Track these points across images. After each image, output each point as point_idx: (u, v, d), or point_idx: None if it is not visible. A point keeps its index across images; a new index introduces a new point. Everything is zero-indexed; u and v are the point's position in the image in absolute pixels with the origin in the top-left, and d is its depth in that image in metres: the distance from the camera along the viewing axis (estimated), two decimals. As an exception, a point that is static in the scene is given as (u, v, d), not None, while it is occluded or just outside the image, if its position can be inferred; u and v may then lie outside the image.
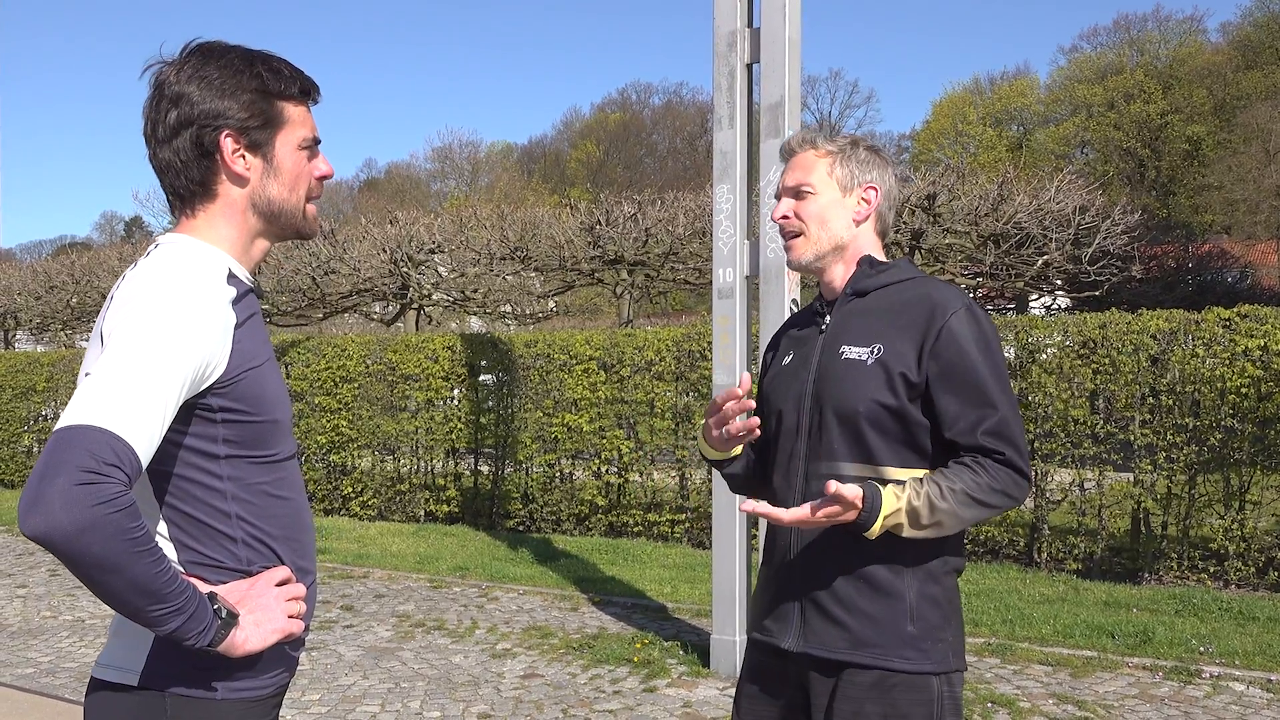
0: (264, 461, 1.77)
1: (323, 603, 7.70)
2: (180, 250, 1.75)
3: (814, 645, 2.21)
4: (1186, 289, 21.31)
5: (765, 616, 2.35)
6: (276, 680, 1.81)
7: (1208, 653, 5.99)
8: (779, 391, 2.37)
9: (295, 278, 20.77)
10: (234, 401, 1.70)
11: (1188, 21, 52.93)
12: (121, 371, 1.55)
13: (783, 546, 2.31)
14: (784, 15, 5.66)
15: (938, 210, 17.05)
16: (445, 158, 72.40)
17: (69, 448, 1.46)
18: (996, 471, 2.11)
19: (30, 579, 8.69)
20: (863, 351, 2.21)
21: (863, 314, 2.27)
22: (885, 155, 2.38)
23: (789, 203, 2.33)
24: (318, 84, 1.88)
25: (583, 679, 5.87)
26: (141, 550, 1.48)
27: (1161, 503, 7.82)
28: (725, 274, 5.93)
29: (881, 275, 2.30)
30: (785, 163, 2.39)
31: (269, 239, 1.88)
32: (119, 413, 1.51)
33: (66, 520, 1.42)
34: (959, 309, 2.16)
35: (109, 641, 1.77)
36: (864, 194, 2.32)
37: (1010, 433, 2.12)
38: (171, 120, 1.75)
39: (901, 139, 65.00)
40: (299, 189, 1.85)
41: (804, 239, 2.32)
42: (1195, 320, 7.66)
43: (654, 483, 10.01)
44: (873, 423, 2.17)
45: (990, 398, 2.12)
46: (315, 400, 11.63)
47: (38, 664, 6.28)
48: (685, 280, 20.60)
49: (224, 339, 1.67)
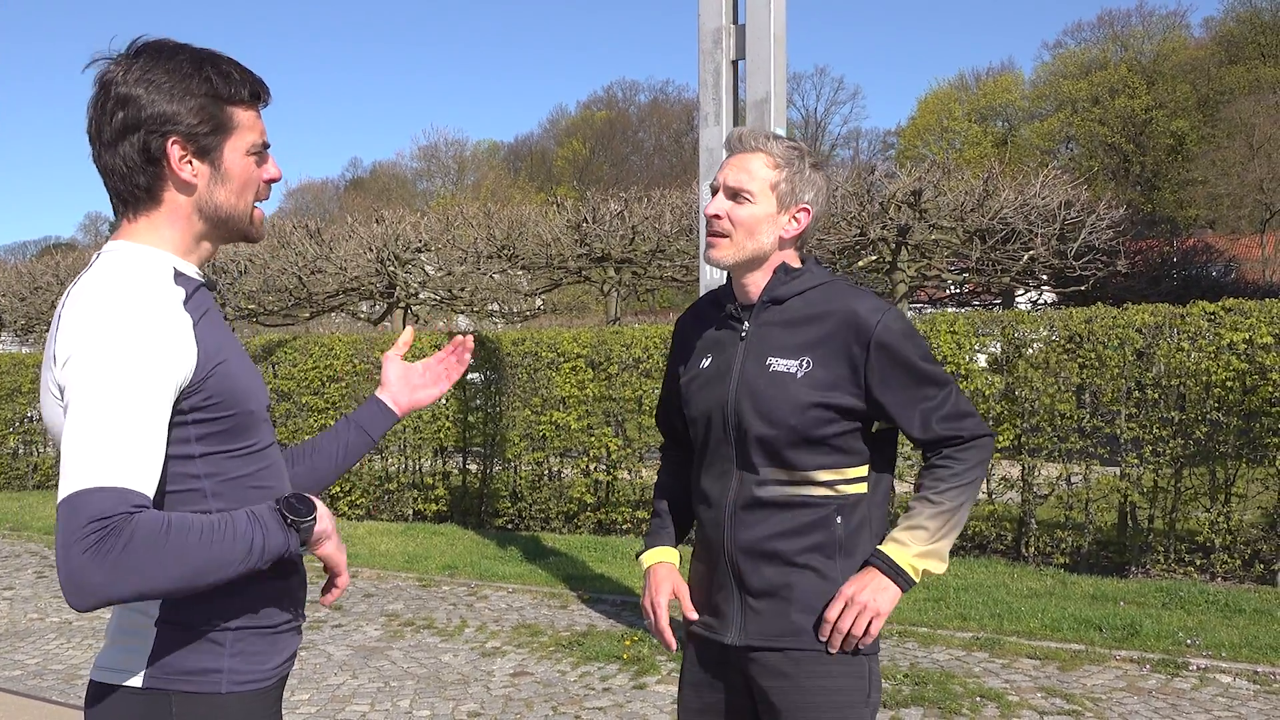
0: (243, 454, 1.76)
1: (311, 602, 7.66)
2: (122, 260, 1.72)
3: (755, 636, 2.29)
4: (1171, 283, 21.41)
5: (704, 611, 2.42)
6: (278, 671, 1.82)
7: (1195, 645, 6.02)
8: (702, 397, 2.40)
9: (282, 277, 20.72)
10: (205, 399, 1.68)
11: (1171, 17, 53.25)
12: (102, 417, 1.54)
13: (716, 541, 2.35)
14: (769, 12, 5.67)
15: (924, 206, 17.09)
16: (431, 156, 72.29)
17: (74, 516, 1.49)
18: (964, 453, 2.30)
19: (17, 581, 8.65)
20: (791, 364, 2.27)
21: (785, 323, 2.32)
22: (825, 173, 2.41)
23: (726, 203, 2.33)
24: (268, 86, 1.84)
25: (572, 676, 5.87)
26: (183, 549, 1.52)
27: (1148, 496, 7.85)
28: (711, 271, 5.94)
29: (796, 282, 2.34)
30: (729, 154, 2.38)
31: (214, 241, 1.85)
32: (111, 464, 1.52)
33: (107, 584, 1.47)
34: (882, 314, 2.26)
35: (107, 644, 1.76)
36: (797, 214, 2.34)
37: (959, 408, 2.29)
38: (117, 123, 1.71)
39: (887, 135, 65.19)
40: (246, 195, 1.82)
41: (729, 241, 2.33)
42: (1180, 314, 7.69)
43: (643, 480, 10.01)
44: (803, 433, 2.24)
45: (930, 386, 2.27)
46: (303, 400, 11.60)
47: (25, 666, 6.25)
48: (672, 277, 20.63)
49: (187, 342, 1.65)
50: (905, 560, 2.23)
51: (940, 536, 2.25)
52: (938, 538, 2.24)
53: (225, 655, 1.71)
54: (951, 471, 2.28)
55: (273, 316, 22.09)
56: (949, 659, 6.01)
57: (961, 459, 2.28)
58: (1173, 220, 36.19)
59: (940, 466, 2.29)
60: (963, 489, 2.27)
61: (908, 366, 2.24)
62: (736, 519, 2.30)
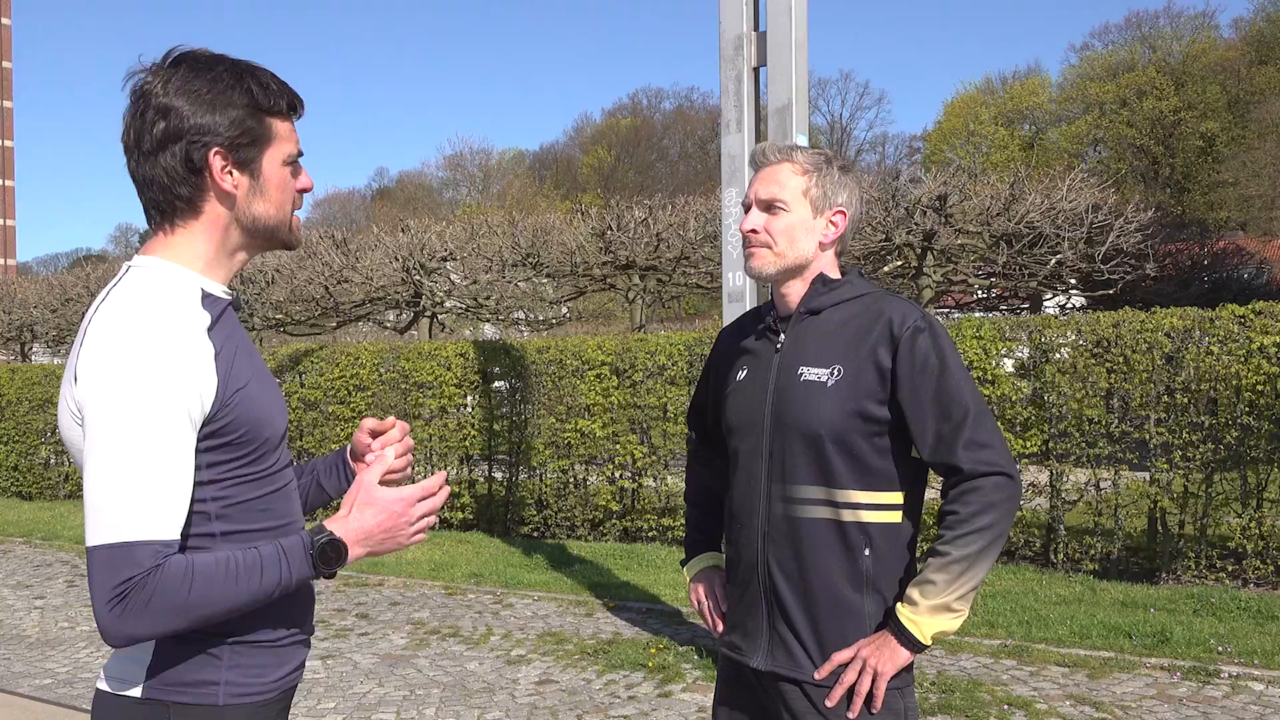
0: (254, 479, 1.75)
1: (338, 610, 7.72)
2: (149, 280, 1.71)
3: (781, 665, 2.26)
4: (1201, 286, 21.17)
5: (733, 632, 2.40)
6: (281, 684, 1.82)
7: (1226, 652, 5.95)
8: (737, 411, 2.38)
9: (308, 287, 20.84)
10: (220, 427, 1.67)
11: (1200, 17, 52.84)
12: (126, 461, 1.57)
13: (748, 563, 2.33)
14: (790, 18, 5.66)
15: (950, 211, 16.99)
16: (457, 165, 72.69)
17: (104, 572, 1.55)
18: (972, 495, 2.14)
19: (48, 590, 8.73)
20: (822, 373, 2.23)
21: (818, 333, 2.29)
22: (857, 175, 2.38)
23: (761, 217, 2.32)
24: (302, 98, 1.85)
25: (598, 684, 5.87)
26: (208, 593, 1.59)
27: (1178, 502, 7.77)
28: (735, 277, 5.93)
29: (835, 292, 2.31)
30: (757, 170, 2.37)
31: (250, 251, 1.85)
32: (139, 514, 1.56)
33: (134, 631, 1.57)
34: (915, 323, 2.19)
35: (112, 654, 1.78)
36: (833, 217, 2.32)
37: (977, 437, 2.14)
38: (158, 133, 1.70)
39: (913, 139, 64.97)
40: (285, 205, 1.83)
41: (769, 252, 2.31)
42: (1210, 318, 7.61)
43: (668, 487, 10.00)
44: (834, 445, 2.19)
45: (953, 405, 2.15)
46: (329, 409, 11.66)
47: (55, 675, 6.31)
48: (697, 284, 20.59)
49: (208, 374, 1.65)
50: (914, 621, 2.13)
51: (951, 591, 2.11)
52: (948, 592, 2.11)
53: (223, 667, 1.72)
54: (959, 517, 2.13)
55: (299, 326, 22.21)
56: (976, 667, 5.96)
57: (969, 501, 2.13)
58: (1203, 222, 35.80)
59: (950, 512, 2.15)
60: (974, 535, 2.11)
61: (932, 376, 2.15)
62: (767, 538, 2.27)
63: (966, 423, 2.14)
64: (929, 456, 2.17)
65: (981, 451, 2.14)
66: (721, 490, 2.53)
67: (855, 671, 2.15)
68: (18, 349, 27.09)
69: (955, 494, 2.16)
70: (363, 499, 1.77)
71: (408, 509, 1.78)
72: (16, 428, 15.05)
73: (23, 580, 9.19)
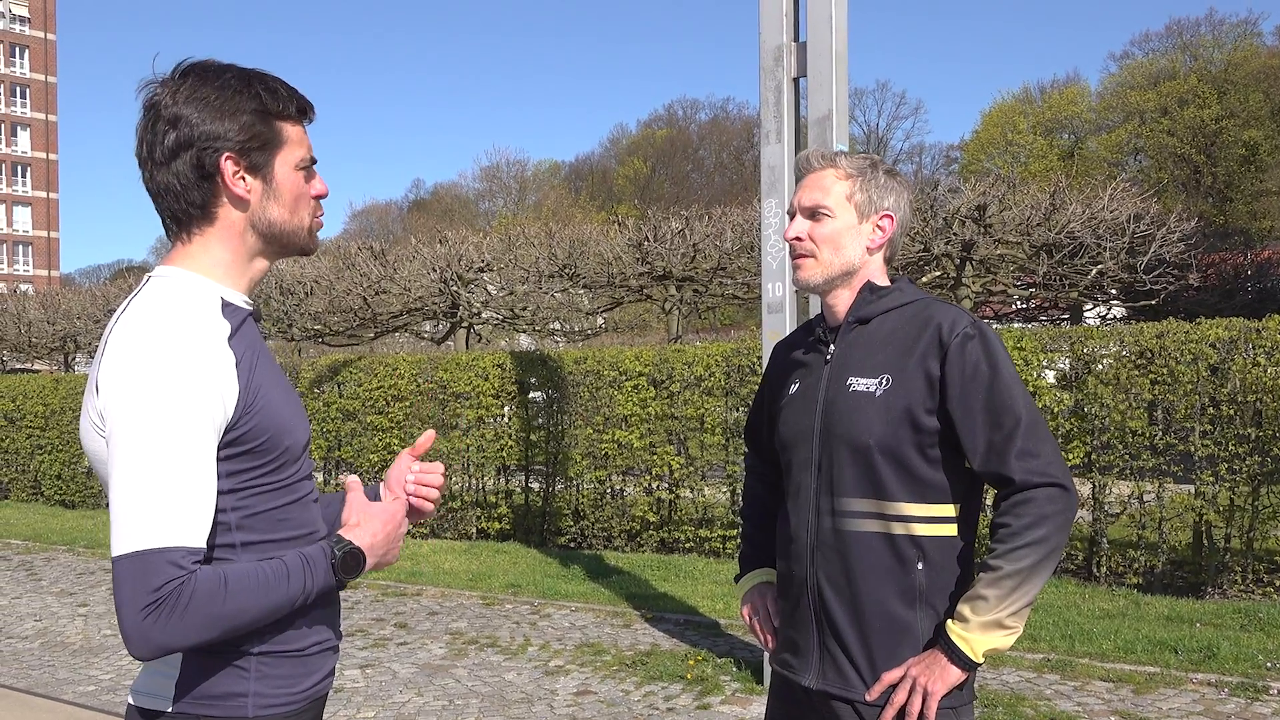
0: (274, 488, 1.75)
1: (376, 620, 7.75)
2: (169, 290, 1.72)
3: (832, 684, 2.22)
4: (1246, 296, 20.89)
5: (784, 649, 2.37)
6: (310, 693, 1.81)
7: (1275, 668, 5.84)
8: (789, 424, 2.35)
9: (346, 298, 21.02)
10: (241, 435, 1.68)
11: (1242, 25, 52.22)
12: (151, 469, 1.57)
13: (799, 579, 2.30)
14: (830, 29, 5.64)
15: (989, 221, 16.87)
16: (493, 177, 73.12)
17: (134, 580, 1.55)
18: (1024, 507, 2.08)
19: (91, 597, 8.83)
20: (871, 383, 2.19)
21: (867, 343, 2.25)
22: (903, 179, 2.35)
23: (804, 224, 2.30)
24: (312, 103, 1.86)
25: (636, 696, 5.85)
26: (241, 603, 1.60)
27: (1224, 515, 7.66)
28: (775, 288, 5.91)
29: (883, 300, 2.27)
30: (801, 179, 2.35)
31: (268, 258, 1.85)
32: (166, 521, 1.56)
33: (166, 641, 1.56)
34: (965, 329, 2.14)
35: (142, 669, 1.78)
36: (880, 221, 2.30)
37: (1028, 446, 2.08)
38: (170, 142, 1.72)
39: (951, 149, 64.64)
40: (299, 209, 1.83)
41: (814, 261, 2.29)
42: (1256, 328, 7.50)
43: (705, 498, 9.97)
44: (884, 456, 2.15)
45: (1004, 414, 2.10)
46: (367, 419, 11.73)
47: (99, 681, 6.38)
48: (734, 295, 20.57)
49: (229, 382, 1.66)
50: (964, 639, 2.08)
51: (1004, 607, 2.06)
52: (1000, 608, 2.06)
53: (250, 679, 1.72)
54: (1011, 530, 2.07)
55: (338, 337, 22.41)
56: (1019, 681, 5.90)
57: (1022, 514, 2.07)
58: (1246, 232, 35.31)
59: (1002, 525, 2.10)
60: (1027, 549, 2.05)
61: (983, 384, 2.10)
62: (815, 553, 2.24)
63: (1019, 432, 2.08)
64: (980, 467, 2.12)
65: (1034, 461, 2.08)
66: (775, 504, 2.50)
67: (905, 691, 2.11)
68: (61, 359, 27.50)
69: (1007, 506, 2.11)
70: (362, 512, 1.84)
71: (402, 520, 1.88)
72: (60, 437, 15.26)
73: (66, 588, 9.30)
